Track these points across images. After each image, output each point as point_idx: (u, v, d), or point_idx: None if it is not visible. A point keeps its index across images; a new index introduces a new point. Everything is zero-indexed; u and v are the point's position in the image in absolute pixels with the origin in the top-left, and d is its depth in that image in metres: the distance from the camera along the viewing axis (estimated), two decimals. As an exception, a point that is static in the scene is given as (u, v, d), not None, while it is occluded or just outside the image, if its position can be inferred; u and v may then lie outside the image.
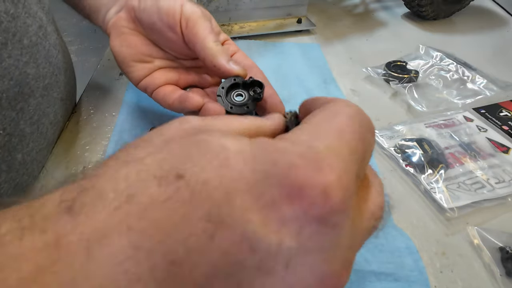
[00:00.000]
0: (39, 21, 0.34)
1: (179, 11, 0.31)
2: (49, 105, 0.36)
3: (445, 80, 0.54)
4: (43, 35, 0.35)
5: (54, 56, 0.37)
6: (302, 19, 0.68)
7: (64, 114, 0.42)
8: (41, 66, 0.34)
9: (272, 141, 0.15)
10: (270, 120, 0.20)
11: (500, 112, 0.49)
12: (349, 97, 0.51)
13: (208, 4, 0.62)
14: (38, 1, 0.36)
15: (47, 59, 0.35)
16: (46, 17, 0.37)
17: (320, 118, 0.16)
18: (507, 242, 0.33)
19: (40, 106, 0.34)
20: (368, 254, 0.32)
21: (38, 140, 0.35)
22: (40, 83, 0.34)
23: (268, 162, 0.14)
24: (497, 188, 0.38)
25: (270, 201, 0.13)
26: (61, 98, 0.39)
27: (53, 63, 0.36)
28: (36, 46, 0.33)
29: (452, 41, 0.67)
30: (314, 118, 0.17)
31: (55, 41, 0.38)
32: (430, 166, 0.40)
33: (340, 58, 0.61)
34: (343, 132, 0.15)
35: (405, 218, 0.36)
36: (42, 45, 0.34)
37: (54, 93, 0.37)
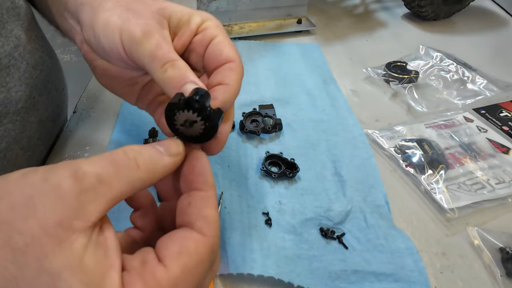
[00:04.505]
0: (14, 41, 0.31)
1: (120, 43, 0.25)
2: (22, 130, 0.33)
3: (445, 80, 0.54)
4: (20, 55, 0.32)
5: (33, 77, 0.34)
6: (302, 19, 0.68)
7: (45, 136, 0.39)
8: (13, 89, 0.31)
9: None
10: (163, 164, 0.20)
11: (500, 112, 0.49)
12: (349, 98, 0.51)
13: (208, 4, 0.62)
14: (17, 19, 0.32)
15: (23, 81, 0.32)
16: (25, 35, 0.33)
17: (182, 269, 0.18)
18: (508, 243, 0.33)
19: (10, 132, 0.31)
20: (368, 255, 0.32)
21: (5, 169, 0.32)
22: (10, 108, 0.31)
23: None
24: (497, 189, 0.38)
25: None
26: (39, 120, 0.36)
27: (30, 84, 0.33)
28: (7, 69, 0.30)
29: (452, 41, 0.67)
30: (175, 263, 0.18)
31: (36, 60, 0.34)
32: (430, 167, 0.40)
33: (340, 58, 0.61)
34: None
35: (405, 219, 0.36)
36: (17, 66, 0.31)
37: (31, 117, 0.34)
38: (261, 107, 0.48)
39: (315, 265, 0.31)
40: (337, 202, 0.37)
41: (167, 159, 0.20)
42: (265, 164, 0.39)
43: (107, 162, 0.18)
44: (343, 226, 0.35)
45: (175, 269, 0.18)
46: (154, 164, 0.19)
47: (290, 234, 0.34)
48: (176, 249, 0.18)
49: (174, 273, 0.17)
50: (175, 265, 0.18)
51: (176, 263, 0.18)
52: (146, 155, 0.19)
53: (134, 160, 0.18)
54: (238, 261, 0.31)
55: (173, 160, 0.21)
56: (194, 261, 0.18)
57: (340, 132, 0.45)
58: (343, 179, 0.39)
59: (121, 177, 0.18)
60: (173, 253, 0.18)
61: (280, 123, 0.45)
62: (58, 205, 0.16)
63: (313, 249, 0.33)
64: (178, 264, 0.18)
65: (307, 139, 0.44)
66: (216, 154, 0.26)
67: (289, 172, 0.38)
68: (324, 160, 0.41)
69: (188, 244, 0.19)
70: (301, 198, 0.37)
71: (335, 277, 0.31)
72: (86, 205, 0.16)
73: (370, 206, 0.36)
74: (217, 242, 0.20)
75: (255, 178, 0.39)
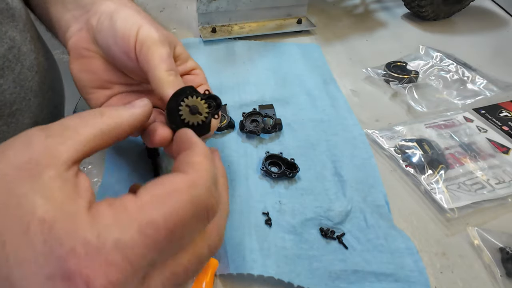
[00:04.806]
0: (9, 42, 0.31)
1: (135, 35, 0.27)
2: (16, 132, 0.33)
3: (445, 80, 0.54)
4: (14, 57, 0.32)
5: (28, 79, 0.34)
6: (302, 19, 0.68)
7: None
8: (8, 91, 0.31)
9: (76, 214, 0.16)
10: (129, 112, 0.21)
11: (500, 112, 0.49)
12: (349, 98, 0.51)
13: (208, 4, 0.62)
14: (11, 20, 0.33)
15: (18, 83, 0.32)
16: (20, 36, 0.33)
17: (152, 195, 0.17)
18: (508, 243, 0.33)
19: (4, 134, 0.31)
20: (368, 255, 0.32)
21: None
22: (5, 110, 0.31)
23: (57, 239, 0.15)
24: (497, 189, 0.38)
25: (49, 275, 0.15)
26: (34, 122, 0.36)
27: (25, 86, 0.33)
28: (1, 71, 0.30)
29: (452, 41, 0.67)
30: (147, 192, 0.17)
31: (32, 62, 0.34)
32: (430, 167, 0.40)
33: (340, 58, 0.61)
34: (151, 227, 0.16)
35: (405, 219, 0.36)
36: (11, 68, 0.31)
37: (25, 119, 0.34)
38: (261, 107, 0.48)
39: (315, 265, 0.31)
40: (337, 202, 0.37)
41: (132, 109, 0.22)
42: (265, 164, 0.39)
43: (72, 116, 0.20)
44: (343, 226, 0.35)
45: (144, 196, 0.17)
46: (119, 113, 0.21)
47: (290, 234, 0.34)
48: (151, 183, 0.18)
49: (142, 200, 0.17)
50: (145, 192, 0.18)
51: (147, 191, 0.18)
52: (111, 108, 0.21)
53: (99, 111, 0.20)
54: (238, 261, 0.31)
55: (139, 110, 0.22)
56: (167, 190, 0.18)
57: (340, 132, 0.45)
58: (343, 179, 0.39)
59: (86, 124, 0.19)
60: (147, 185, 0.18)
61: (280, 123, 0.45)
62: (27, 148, 0.17)
63: (313, 249, 0.33)
64: (148, 191, 0.18)
65: (307, 139, 0.44)
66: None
67: (289, 172, 0.38)
68: (324, 160, 0.41)
69: (164, 178, 0.18)
70: (301, 198, 0.37)
71: (335, 277, 0.31)
72: (54, 146, 0.18)
73: (370, 206, 0.36)
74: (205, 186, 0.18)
75: (255, 178, 0.39)
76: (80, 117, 0.20)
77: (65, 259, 0.15)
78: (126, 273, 0.16)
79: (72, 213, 0.16)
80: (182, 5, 0.77)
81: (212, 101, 0.24)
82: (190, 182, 0.18)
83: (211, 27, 0.64)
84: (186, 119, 0.23)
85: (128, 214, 0.16)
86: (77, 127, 0.19)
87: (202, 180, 0.18)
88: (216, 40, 0.63)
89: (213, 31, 0.64)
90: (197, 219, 0.18)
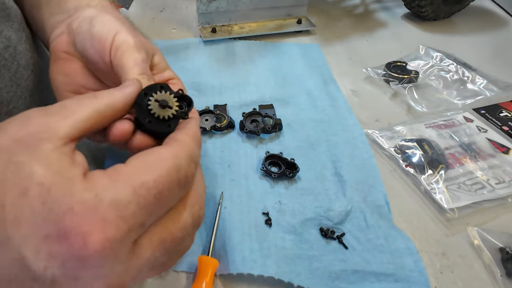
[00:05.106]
0: (5, 41, 0.31)
1: (111, 39, 0.27)
2: None
3: (445, 80, 0.54)
4: (10, 56, 0.32)
5: (24, 78, 0.34)
6: (302, 19, 0.68)
7: None
8: (4, 90, 0.31)
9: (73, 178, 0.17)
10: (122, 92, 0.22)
11: (500, 112, 0.49)
12: (349, 98, 0.51)
13: (208, 4, 0.62)
14: (7, 19, 0.33)
15: (14, 82, 0.32)
16: (16, 35, 0.33)
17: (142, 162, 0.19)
18: (507, 243, 0.33)
19: None
20: (368, 255, 0.32)
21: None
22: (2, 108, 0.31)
23: (55, 201, 0.16)
24: (497, 189, 0.38)
25: (46, 235, 0.16)
26: None
27: (22, 85, 0.33)
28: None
29: (452, 41, 0.67)
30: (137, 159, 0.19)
31: (27, 60, 0.35)
32: (430, 167, 0.40)
33: (340, 58, 0.61)
34: (143, 187, 0.17)
35: (405, 219, 0.36)
36: (7, 67, 0.31)
37: None
38: (261, 107, 0.48)
39: (315, 265, 0.31)
40: (337, 202, 0.37)
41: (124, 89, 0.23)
42: (265, 164, 0.39)
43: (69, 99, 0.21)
44: (343, 226, 0.35)
45: (135, 162, 0.19)
46: (112, 93, 0.22)
47: (290, 234, 0.34)
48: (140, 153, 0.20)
49: (133, 165, 0.18)
50: (135, 160, 0.19)
51: (136, 159, 0.19)
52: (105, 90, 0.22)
53: (93, 94, 0.21)
54: (238, 261, 0.31)
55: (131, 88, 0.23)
56: (155, 158, 0.19)
57: (340, 132, 0.45)
58: (343, 179, 0.39)
59: (82, 104, 0.20)
60: (136, 155, 0.19)
61: (280, 123, 0.45)
62: (26, 124, 0.18)
63: (313, 249, 0.33)
64: (138, 159, 0.19)
65: (307, 139, 0.44)
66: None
67: (289, 172, 0.38)
68: (324, 160, 0.41)
69: (152, 149, 0.20)
70: (301, 198, 0.37)
71: (335, 277, 0.31)
72: (52, 123, 0.18)
73: (370, 206, 0.36)
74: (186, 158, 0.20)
75: (255, 178, 0.39)
76: (76, 100, 0.20)
77: (63, 218, 0.16)
78: (121, 231, 0.16)
79: (69, 178, 0.17)
80: (182, 5, 0.77)
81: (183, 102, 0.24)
82: (174, 153, 0.20)
83: (211, 27, 0.64)
84: (155, 112, 0.22)
85: (122, 177, 0.18)
86: (74, 107, 0.20)
87: (183, 154, 0.20)
88: (216, 40, 0.63)
89: (213, 31, 0.64)
90: (179, 186, 0.19)
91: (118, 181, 0.17)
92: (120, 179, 0.17)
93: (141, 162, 0.19)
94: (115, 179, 0.17)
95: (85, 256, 0.16)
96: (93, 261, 0.16)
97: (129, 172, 0.18)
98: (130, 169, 0.18)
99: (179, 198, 0.20)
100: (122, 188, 0.17)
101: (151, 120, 0.23)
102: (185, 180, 0.20)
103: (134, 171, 0.18)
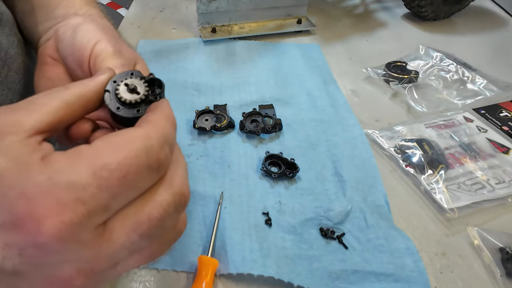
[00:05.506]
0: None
1: (90, 48, 0.27)
2: None
3: (445, 80, 0.54)
4: (1, 60, 0.32)
5: (16, 82, 0.34)
6: (302, 19, 0.68)
7: None
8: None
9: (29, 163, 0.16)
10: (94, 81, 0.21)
11: (500, 112, 0.49)
12: (349, 98, 0.51)
13: (208, 4, 0.62)
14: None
15: (5, 86, 0.33)
16: (7, 40, 0.34)
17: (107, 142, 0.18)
18: (507, 243, 0.33)
19: None
20: (368, 255, 0.32)
21: None
22: None
23: (7, 186, 0.15)
24: (497, 189, 0.38)
25: (0, 223, 0.15)
26: None
27: (13, 89, 0.34)
28: None
29: (452, 41, 0.67)
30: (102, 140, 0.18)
31: (19, 65, 0.35)
32: (430, 167, 0.40)
33: (340, 58, 0.61)
34: (105, 169, 0.16)
35: (405, 219, 0.36)
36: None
37: None
38: (261, 107, 0.48)
39: (315, 265, 0.31)
40: (337, 202, 0.37)
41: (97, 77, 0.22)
42: (265, 164, 0.39)
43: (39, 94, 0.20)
44: (343, 226, 0.35)
45: (99, 143, 0.17)
46: (83, 83, 0.21)
47: (290, 234, 0.34)
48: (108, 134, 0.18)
49: (97, 146, 0.17)
50: (100, 141, 0.18)
51: (102, 140, 0.18)
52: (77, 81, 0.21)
53: (64, 86, 0.20)
54: (238, 261, 0.31)
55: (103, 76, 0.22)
56: (122, 139, 0.18)
57: (340, 132, 0.45)
58: (343, 179, 0.39)
59: (51, 97, 0.19)
60: (103, 136, 0.18)
61: (280, 123, 0.45)
62: None
63: (313, 249, 0.33)
64: (103, 140, 0.18)
65: (307, 139, 0.44)
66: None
67: (289, 172, 0.38)
68: (324, 160, 0.41)
69: (121, 130, 0.19)
70: (301, 198, 0.37)
71: (335, 277, 0.31)
72: (18, 118, 0.18)
73: (370, 206, 0.36)
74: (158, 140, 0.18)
75: (255, 178, 0.39)
76: (46, 93, 0.20)
77: (16, 204, 0.15)
78: (79, 214, 0.15)
79: (25, 163, 0.16)
80: (182, 5, 0.77)
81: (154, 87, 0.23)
82: (145, 134, 0.18)
83: (211, 27, 0.64)
84: (123, 97, 0.22)
85: (82, 158, 0.17)
86: (43, 101, 0.19)
87: (156, 135, 0.19)
88: (216, 40, 0.63)
89: (213, 31, 0.64)
90: (149, 169, 0.18)
91: (77, 162, 0.16)
92: (80, 160, 0.16)
93: (106, 143, 0.18)
94: (74, 160, 0.17)
95: (42, 242, 0.15)
96: (51, 247, 0.15)
97: (91, 153, 0.17)
98: (92, 150, 0.17)
99: (152, 182, 0.19)
100: (81, 169, 0.16)
101: (119, 107, 0.22)
102: (157, 163, 0.18)
103: (96, 152, 0.17)
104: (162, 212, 0.18)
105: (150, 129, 0.19)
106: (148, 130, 0.19)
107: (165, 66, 0.56)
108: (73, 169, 0.16)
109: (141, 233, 0.18)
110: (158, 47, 0.61)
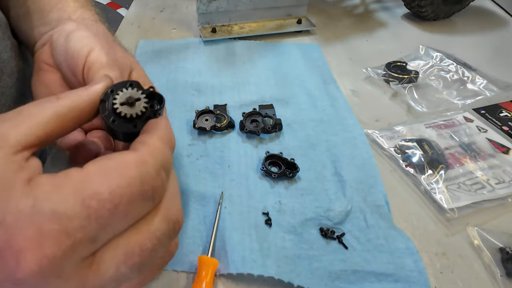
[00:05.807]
0: None
1: (84, 57, 0.26)
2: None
3: (445, 80, 0.54)
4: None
5: (9, 86, 0.34)
6: (302, 19, 0.68)
7: None
8: None
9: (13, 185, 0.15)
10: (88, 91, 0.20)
11: (500, 112, 0.49)
12: (349, 98, 0.51)
13: (208, 4, 0.62)
14: None
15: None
16: (0, 44, 0.34)
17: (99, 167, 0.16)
18: (507, 243, 0.33)
19: None
20: (368, 255, 0.32)
21: None
22: None
23: None
24: (497, 189, 0.38)
25: None
26: None
27: (6, 93, 0.33)
28: None
29: (452, 41, 0.67)
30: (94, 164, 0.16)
31: (12, 69, 0.34)
32: (430, 167, 0.40)
33: (340, 58, 0.61)
34: (94, 199, 0.15)
35: (405, 219, 0.36)
36: None
37: None
38: (261, 107, 0.48)
39: (315, 265, 0.31)
40: (337, 202, 0.37)
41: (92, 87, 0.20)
42: (265, 164, 0.39)
43: (30, 103, 0.19)
44: (343, 226, 0.35)
45: (91, 167, 0.16)
46: (77, 93, 0.20)
47: (290, 234, 0.34)
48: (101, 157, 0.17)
49: (88, 171, 0.16)
50: (92, 164, 0.16)
51: (94, 163, 0.16)
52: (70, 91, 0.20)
53: (56, 96, 0.19)
54: (238, 261, 0.31)
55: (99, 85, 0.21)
56: (115, 164, 0.16)
57: (340, 132, 0.45)
58: (343, 179, 0.39)
59: (41, 108, 0.18)
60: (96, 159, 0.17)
61: (280, 123, 0.45)
62: None
63: (313, 249, 0.33)
64: (95, 164, 0.16)
65: (307, 139, 0.44)
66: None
67: (289, 172, 0.38)
68: (324, 160, 0.41)
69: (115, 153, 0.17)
70: (301, 198, 0.37)
71: (335, 277, 0.31)
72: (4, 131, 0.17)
73: (370, 206, 0.36)
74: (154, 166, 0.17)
75: (255, 178, 0.39)
76: (37, 103, 0.19)
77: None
78: (64, 247, 0.14)
79: (8, 185, 0.15)
80: (182, 5, 0.77)
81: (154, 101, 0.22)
82: (140, 159, 0.17)
83: (211, 27, 0.64)
84: (118, 108, 0.20)
85: (70, 184, 0.15)
86: (32, 112, 0.18)
87: (152, 160, 0.17)
88: (216, 40, 0.63)
89: (213, 31, 0.64)
90: (143, 198, 0.17)
91: (65, 188, 0.15)
92: (68, 186, 0.15)
93: (98, 167, 0.16)
94: (62, 186, 0.15)
95: (20, 278, 0.14)
96: (31, 283, 0.14)
97: (81, 179, 0.16)
98: (82, 174, 0.16)
99: (146, 210, 0.17)
100: (68, 197, 0.15)
101: (115, 120, 0.20)
102: (152, 191, 0.17)
103: (87, 177, 0.16)
104: (155, 242, 0.17)
105: (146, 153, 0.18)
106: (144, 154, 0.17)
107: (165, 66, 0.56)
108: (60, 196, 0.15)
109: (131, 264, 0.17)
110: (158, 47, 0.61)
